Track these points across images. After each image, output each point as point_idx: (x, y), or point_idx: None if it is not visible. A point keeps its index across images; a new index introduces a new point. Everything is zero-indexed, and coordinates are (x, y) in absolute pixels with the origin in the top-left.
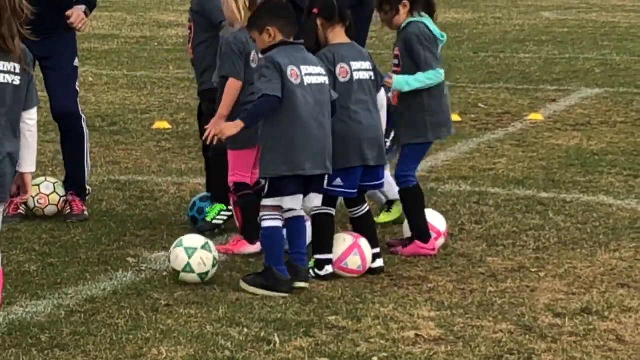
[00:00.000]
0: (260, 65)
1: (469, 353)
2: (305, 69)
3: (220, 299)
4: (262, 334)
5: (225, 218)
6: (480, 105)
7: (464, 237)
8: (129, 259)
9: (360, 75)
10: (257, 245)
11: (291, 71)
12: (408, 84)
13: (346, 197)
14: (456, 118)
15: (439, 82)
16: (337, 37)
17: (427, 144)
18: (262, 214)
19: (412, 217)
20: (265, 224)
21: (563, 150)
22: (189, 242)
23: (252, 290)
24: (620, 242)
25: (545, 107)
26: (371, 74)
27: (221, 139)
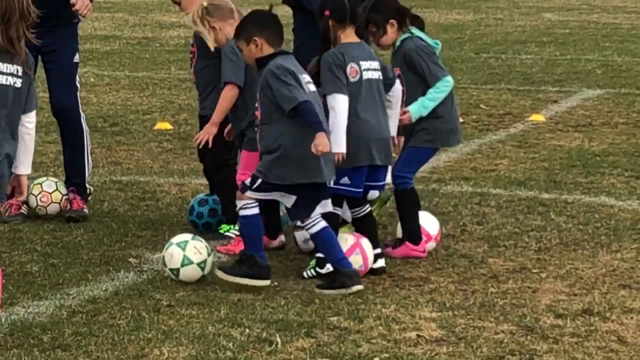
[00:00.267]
0: (276, 75)
1: (470, 354)
2: (303, 77)
3: (221, 299)
4: (264, 335)
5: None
6: (481, 106)
7: (465, 238)
8: (130, 259)
9: (369, 75)
10: (281, 238)
11: (302, 78)
12: (425, 107)
13: (352, 196)
14: (460, 125)
15: (449, 90)
16: (348, 37)
17: (433, 149)
18: (241, 204)
19: (405, 219)
20: (244, 212)
21: (564, 151)
22: (178, 239)
23: (236, 280)
24: (621, 243)
25: (547, 108)
26: (380, 73)
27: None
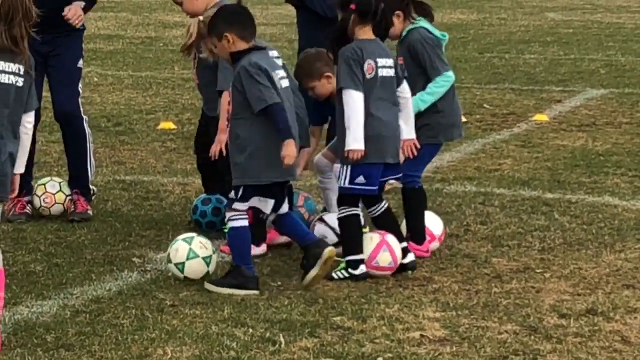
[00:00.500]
0: (250, 73)
1: (474, 354)
2: (278, 73)
3: (225, 299)
4: (268, 335)
5: None
6: (485, 106)
7: (469, 238)
8: (134, 259)
9: (384, 73)
10: (263, 247)
11: (275, 76)
12: (423, 101)
13: (368, 194)
14: (462, 119)
15: (450, 86)
16: (366, 33)
17: (438, 145)
18: (230, 215)
19: (411, 218)
20: (234, 224)
21: (568, 151)
22: (183, 236)
23: (220, 290)
24: (625, 244)
25: (551, 108)
26: (393, 71)
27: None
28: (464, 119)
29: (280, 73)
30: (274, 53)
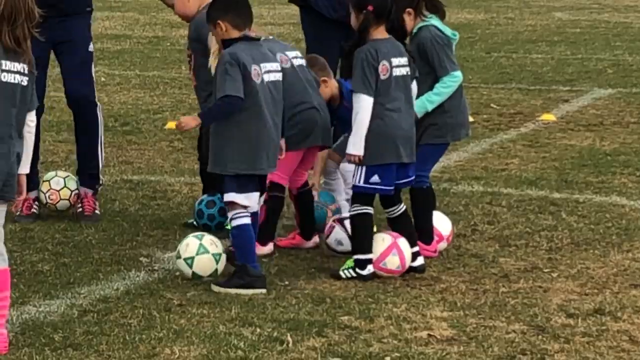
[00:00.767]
0: (225, 61)
1: (481, 353)
2: (264, 66)
3: (232, 298)
4: (275, 334)
5: None
6: (492, 105)
7: (476, 237)
8: (141, 258)
9: (398, 72)
10: (270, 246)
11: (254, 70)
12: (430, 102)
13: (384, 194)
14: (469, 118)
15: (457, 86)
16: (380, 33)
17: (445, 145)
18: (232, 213)
19: (419, 218)
20: (236, 222)
21: (576, 151)
22: (195, 233)
23: (229, 291)
24: (633, 243)
25: (558, 107)
26: (407, 69)
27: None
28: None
29: (268, 66)
30: (275, 46)
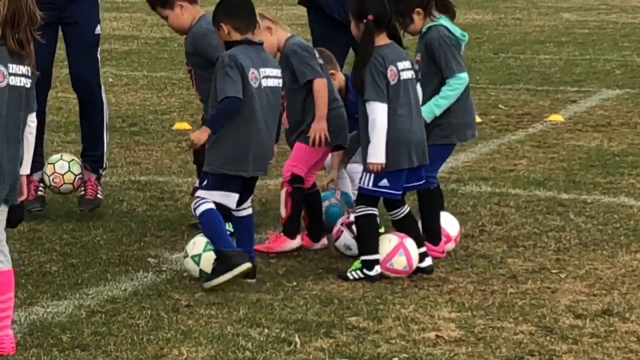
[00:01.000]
0: (224, 63)
1: (489, 354)
2: (264, 71)
3: (240, 299)
4: (283, 335)
5: None
6: (500, 106)
7: (484, 238)
8: (149, 259)
9: (405, 76)
10: (298, 240)
11: (251, 74)
12: (438, 106)
13: (391, 198)
14: (476, 119)
15: (463, 88)
16: (382, 39)
17: (452, 145)
18: (194, 202)
19: (426, 219)
20: (200, 209)
21: (584, 152)
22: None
23: (218, 281)
24: None
25: (566, 108)
26: (412, 72)
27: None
28: (478, 119)
29: (267, 71)
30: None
